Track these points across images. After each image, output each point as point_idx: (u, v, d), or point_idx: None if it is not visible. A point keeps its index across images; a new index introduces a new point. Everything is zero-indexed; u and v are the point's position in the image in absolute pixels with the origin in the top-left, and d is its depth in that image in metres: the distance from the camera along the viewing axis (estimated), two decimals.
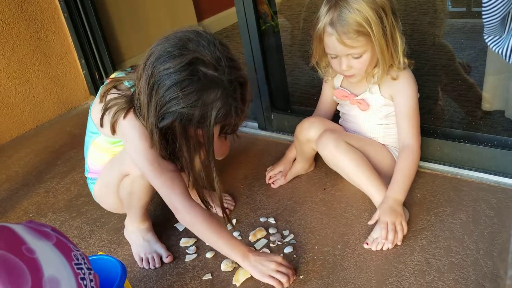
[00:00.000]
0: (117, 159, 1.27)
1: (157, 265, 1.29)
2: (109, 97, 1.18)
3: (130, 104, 1.15)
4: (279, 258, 1.16)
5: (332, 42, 1.25)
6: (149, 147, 1.13)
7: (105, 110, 1.18)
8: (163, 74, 1.03)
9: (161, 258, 1.31)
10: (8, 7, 2.12)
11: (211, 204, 1.31)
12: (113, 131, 1.18)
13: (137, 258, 1.32)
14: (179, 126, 1.08)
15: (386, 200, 1.26)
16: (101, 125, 1.23)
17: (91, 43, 2.40)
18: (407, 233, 1.24)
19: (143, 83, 1.08)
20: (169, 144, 1.15)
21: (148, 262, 1.30)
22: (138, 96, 1.12)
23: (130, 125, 1.14)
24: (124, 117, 1.14)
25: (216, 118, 1.06)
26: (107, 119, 1.18)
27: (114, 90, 1.19)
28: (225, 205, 1.46)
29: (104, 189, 1.37)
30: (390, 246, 1.20)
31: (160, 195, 1.18)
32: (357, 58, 1.26)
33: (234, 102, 1.08)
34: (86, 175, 1.46)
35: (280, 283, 1.13)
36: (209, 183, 1.21)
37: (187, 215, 1.15)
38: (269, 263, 1.14)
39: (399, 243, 1.21)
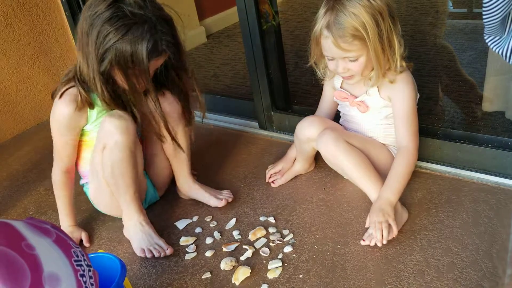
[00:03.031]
0: (94, 149, 1.34)
1: (162, 254, 1.29)
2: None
3: (68, 83, 1.29)
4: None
5: (328, 45, 1.26)
6: (64, 114, 1.28)
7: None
8: (94, 18, 1.17)
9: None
10: (9, 4, 2.13)
11: (177, 141, 1.40)
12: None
13: (139, 252, 1.32)
14: (118, 67, 1.19)
15: (377, 199, 1.27)
16: None
17: None
18: (407, 233, 1.24)
19: (80, 36, 1.21)
20: (115, 95, 1.27)
21: (152, 252, 1.30)
22: (79, 55, 1.23)
23: (60, 100, 1.28)
24: (60, 96, 1.28)
25: (147, 51, 1.16)
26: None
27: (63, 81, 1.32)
28: (223, 197, 1.48)
29: (96, 185, 1.39)
30: (378, 244, 1.21)
31: None
32: (354, 61, 1.26)
33: (164, 35, 1.19)
34: (81, 184, 1.48)
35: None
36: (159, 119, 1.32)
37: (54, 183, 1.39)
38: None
39: (384, 242, 1.20)
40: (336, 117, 1.55)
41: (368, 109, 1.38)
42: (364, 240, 1.24)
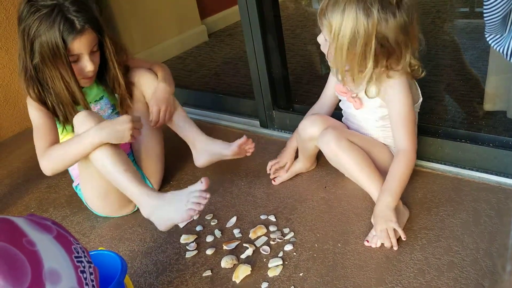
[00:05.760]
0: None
1: (204, 200, 1.18)
2: None
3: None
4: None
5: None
6: (39, 115, 1.36)
7: None
8: (21, 19, 1.28)
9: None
10: (11, 2, 2.13)
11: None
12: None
13: (184, 218, 1.20)
14: (46, 54, 1.26)
15: (377, 204, 1.26)
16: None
17: None
18: (407, 231, 1.24)
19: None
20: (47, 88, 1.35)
21: (195, 207, 1.17)
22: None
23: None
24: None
25: (60, 33, 1.24)
26: None
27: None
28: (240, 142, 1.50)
29: (87, 189, 1.40)
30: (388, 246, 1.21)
31: None
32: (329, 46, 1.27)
33: (79, 13, 1.26)
34: (73, 186, 1.49)
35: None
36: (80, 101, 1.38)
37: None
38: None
39: (395, 248, 1.20)
40: (339, 115, 1.55)
41: (362, 106, 1.38)
42: (368, 241, 1.24)
